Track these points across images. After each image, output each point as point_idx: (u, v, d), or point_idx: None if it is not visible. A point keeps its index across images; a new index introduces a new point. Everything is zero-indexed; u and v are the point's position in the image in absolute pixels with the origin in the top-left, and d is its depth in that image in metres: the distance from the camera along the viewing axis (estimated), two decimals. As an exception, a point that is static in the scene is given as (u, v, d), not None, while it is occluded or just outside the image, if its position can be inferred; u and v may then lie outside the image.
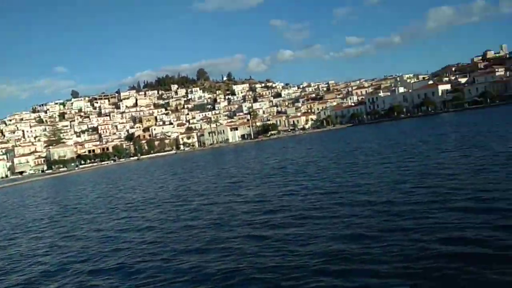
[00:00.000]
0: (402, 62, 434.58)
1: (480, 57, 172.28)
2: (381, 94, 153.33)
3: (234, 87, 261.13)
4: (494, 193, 13.11)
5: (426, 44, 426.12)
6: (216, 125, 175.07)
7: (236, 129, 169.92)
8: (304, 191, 19.35)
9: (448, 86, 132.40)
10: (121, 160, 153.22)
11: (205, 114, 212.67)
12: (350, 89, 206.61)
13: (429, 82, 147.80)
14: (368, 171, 22.84)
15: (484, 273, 7.68)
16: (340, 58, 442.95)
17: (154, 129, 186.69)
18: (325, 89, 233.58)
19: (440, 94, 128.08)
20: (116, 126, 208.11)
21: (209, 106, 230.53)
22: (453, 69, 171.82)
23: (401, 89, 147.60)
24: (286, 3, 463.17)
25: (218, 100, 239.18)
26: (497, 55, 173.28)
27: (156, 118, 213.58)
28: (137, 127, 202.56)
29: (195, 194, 24.92)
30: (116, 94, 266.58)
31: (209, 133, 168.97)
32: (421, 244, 9.59)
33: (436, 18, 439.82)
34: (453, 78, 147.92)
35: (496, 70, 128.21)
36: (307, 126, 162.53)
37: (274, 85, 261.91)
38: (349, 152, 37.76)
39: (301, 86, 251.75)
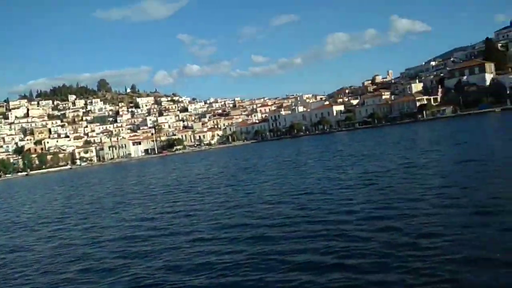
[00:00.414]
0: (303, 82, 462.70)
1: (370, 81, 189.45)
2: (283, 112, 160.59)
3: (138, 99, 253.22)
4: (349, 207, 14.56)
5: (324, 66, 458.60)
6: (118, 139, 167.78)
7: (139, 143, 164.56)
8: (182, 213, 18.80)
9: (341, 107, 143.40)
10: (7, 175, 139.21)
11: (106, 127, 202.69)
12: (255, 106, 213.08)
13: (326, 103, 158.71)
14: (253, 189, 23.72)
15: (317, 279, 8.56)
16: (246, 76, 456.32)
17: (47, 142, 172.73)
18: (231, 105, 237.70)
19: (335, 114, 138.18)
20: (3, 138, 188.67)
21: (110, 119, 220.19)
22: (347, 91, 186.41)
23: (301, 108, 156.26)
24: (194, 18, 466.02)
25: (121, 113, 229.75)
26: (384, 79, 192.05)
27: (50, 130, 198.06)
28: (27, 140, 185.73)
29: (73, 215, 23.60)
30: (5, 103, 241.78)
31: (109, 147, 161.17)
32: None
33: (333, 43, 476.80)
34: (346, 99, 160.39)
35: (383, 93, 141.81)
36: (213, 142, 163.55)
37: (180, 99, 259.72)
38: (246, 169, 38.78)
39: (208, 102, 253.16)
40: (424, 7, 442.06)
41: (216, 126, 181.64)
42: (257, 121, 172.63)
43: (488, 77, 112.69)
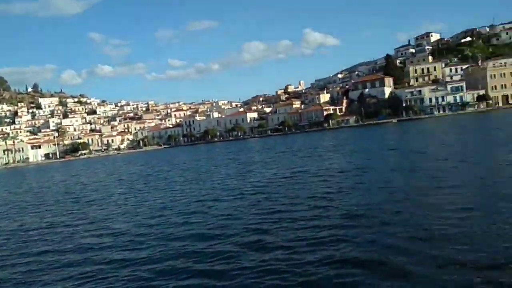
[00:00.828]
0: (219, 89, 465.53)
1: (283, 90, 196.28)
2: (198, 118, 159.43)
3: (41, 100, 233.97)
4: (234, 216, 14.51)
5: (240, 73, 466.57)
6: (14, 142, 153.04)
7: (39, 147, 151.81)
8: (60, 226, 17.18)
9: (255, 114, 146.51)
10: None
11: (2, 129, 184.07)
12: (169, 110, 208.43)
13: (240, 110, 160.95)
14: (146, 197, 22.85)
15: None
16: (162, 79, 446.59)
17: None
18: (144, 109, 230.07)
19: (248, 121, 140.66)
20: None
21: (7, 120, 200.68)
22: (261, 98, 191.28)
23: (216, 114, 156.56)
24: (108, 17, 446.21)
25: (20, 114, 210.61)
26: (296, 89, 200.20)
27: None
28: None
29: None
30: None
31: (4, 150, 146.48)
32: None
33: (250, 51, 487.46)
34: (260, 107, 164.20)
35: (294, 102, 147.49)
36: (122, 146, 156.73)
37: (89, 101, 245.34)
38: (147, 176, 37.43)
39: (119, 104, 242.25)
40: (335, 22, 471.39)
41: (127, 130, 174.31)
42: (171, 126, 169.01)
43: (387, 90, 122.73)
